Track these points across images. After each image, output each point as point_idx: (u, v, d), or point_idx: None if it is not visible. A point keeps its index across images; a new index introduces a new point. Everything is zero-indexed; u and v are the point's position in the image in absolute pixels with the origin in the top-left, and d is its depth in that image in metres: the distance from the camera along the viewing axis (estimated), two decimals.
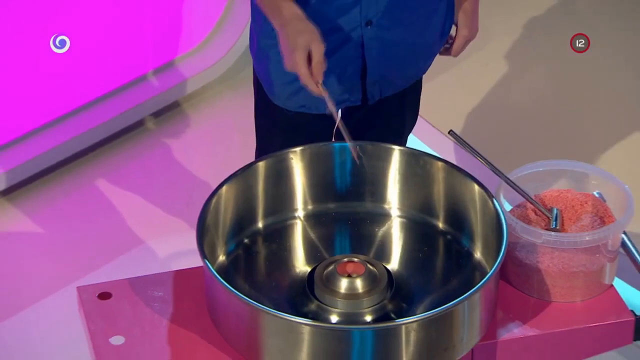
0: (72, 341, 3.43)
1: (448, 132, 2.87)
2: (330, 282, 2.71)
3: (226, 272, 2.77)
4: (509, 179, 2.81)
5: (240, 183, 2.83)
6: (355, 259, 2.74)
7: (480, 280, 2.62)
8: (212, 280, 2.63)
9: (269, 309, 2.57)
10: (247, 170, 2.84)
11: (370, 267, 2.72)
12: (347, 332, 2.58)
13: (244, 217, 2.85)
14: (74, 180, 4.15)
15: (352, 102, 3.12)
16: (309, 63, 2.79)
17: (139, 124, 4.32)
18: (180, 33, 4.33)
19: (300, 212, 2.90)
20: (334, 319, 2.69)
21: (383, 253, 2.84)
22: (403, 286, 2.76)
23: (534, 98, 4.33)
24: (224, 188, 2.80)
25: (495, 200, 2.74)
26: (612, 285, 2.83)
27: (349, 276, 2.71)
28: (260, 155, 3.22)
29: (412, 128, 3.36)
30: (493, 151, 2.87)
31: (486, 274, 2.67)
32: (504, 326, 2.75)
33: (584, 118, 4.26)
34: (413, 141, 3.56)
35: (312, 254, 2.84)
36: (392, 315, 2.70)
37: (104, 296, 2.78)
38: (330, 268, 2.73)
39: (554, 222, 2.80)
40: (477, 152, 2.81)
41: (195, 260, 2.75)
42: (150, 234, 3.99)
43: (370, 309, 2.70)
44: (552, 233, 2.76)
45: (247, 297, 2.57)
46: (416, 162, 2.86)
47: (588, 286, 2.79)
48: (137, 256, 3.92)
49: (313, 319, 2.67)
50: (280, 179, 2.87)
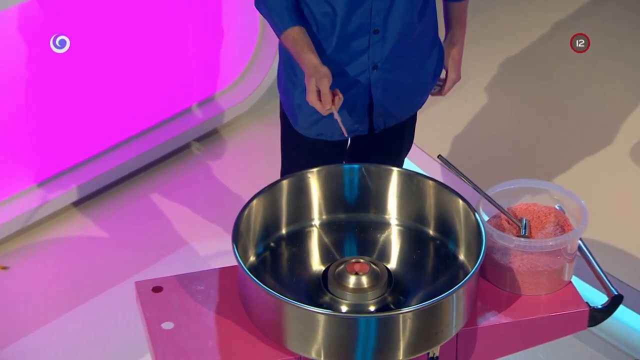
0: (131, 326, 3.41)
1: (437, 157, 2.87)
2: (340, 279, 2.72)
3: (256, 270, 2.77)
4: (486, 194, 2.82)
5: (267, 197, 2.83)
6: (361, 260, 2.74)
7: (464, 278, 2.64)
8: (245, 276, 2.64)
9: (291, 301, 2.57)
10: (273, 186, 2.84)
11: (374, 267, 2.73)
12: (355, 319, 2.59)
13: (270, 225, 2.85)
14: (132, 193, 4.15)
15: (360, 132, 3.12)
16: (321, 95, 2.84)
17: (185, 147, 4.32)
18: (219, 74, 4.34)
19: (316, 221, 2.89)
20: (344, 309, 2.69)
21: (384, 255, 2.85)
22: (400, 282, 2.76)
23: (504, 127, 4.33)
24: (254, 201, 2.80)
25: (476, 213, 2.74)
26: (570, 282, 2.83)
27: (356, 274, 2.71)
28: (284, 174, 3.25)
29: (408, 152, 3.36)
30: (473, 171, 2.86)
31: (468, 272, 2.67)
32: (482, 315, 2.75)
33: (547, 143, 4.26)
34: (407, 164, 3.57)
35: (326, 255, 2.84)
36: (392, 306, 2.70)
37: (157, 289, 2.79)
38: (341, 267, 2.73)
39: (524, 230, 2.80)
40: (461, 173, 2.81)
41: (230, 260, 2.75)
42: (192, 238, 3.98)
43: (374, 301, 2.70)
44: (522, 239, 2.76)
45: (273, 291, 2.58)
46: (411, 180, 2.86)
47: (551, 282, 2.80)
48: (182, 256, 3.91)
49: (327, 308, 2.67)
50: (300, 193, 2.87)
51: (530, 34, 4.74)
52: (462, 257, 2.80)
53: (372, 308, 2.69)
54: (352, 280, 2.70)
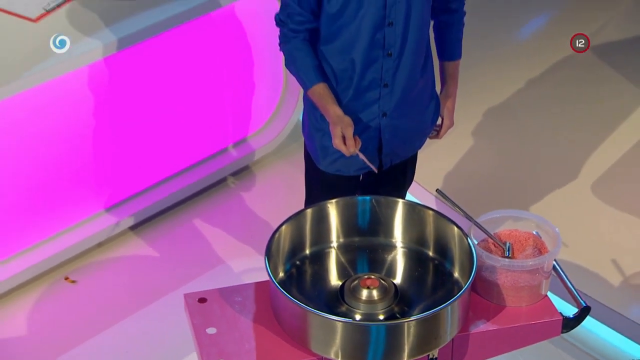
0: (179, 330, 3.41)
1: (435, 190, 2.87)
2: (355, 292, 2.71)
3: (284, 284, 2.77)
4: (476, 222, 2.81)
5: (294, 223, 2.83)
6: (372, 276, 2.74)
7: (458, 292, 2.64)
8: (276, 290, 2.64)
9: (314, 310, 2.58)
10: (299, 214, 2.84)
11: (383, 282, 2.72)
12: (367, 326, 2.59)
13: (296, 246, 2.85)
14: (179, 219, 4.16)
15: (370, 168, 3.11)
16: (345, 142, 2.87)
17: (222, 181, 4.32)
18: (250, 120, 4.35)
19: (334, 243, 2.89)
20: (358, 317, 2.68)
21: (391, 272, 2.84)
22: (405, 295, 2.75)
23: (488, 165, 4.34)
24: (283, 226, 2.79)
25: (468, 238, 2.74)
26: (546, 296, 2.82)
27: (368, 288, 2.71)
28: (308, 204, 3.24)
29: (410, 185, 3.36)
30: (463, 202, 2.86)
31: (462, 287, 2.67)
32: (473, 323, 2.74)
33: (525, 178, 4.26)
34: (407, 196, 3.56)
35: (343, 272, 2.84)
36: (398, 316, 2.69)
37: (202, 300, 2.78)
38: (355, 282, 2.73)
39: (507, 252, 2.80)
40: (455, 204, 2.81)
41: (261, 276, 2.76)
42: (228, 257, 3.98)
43: (383, 311, 2.70)
44: (506, 260, 2.76)
45: (299, 302, 2.59)
46: (413, 210, 2.86)
47: (531, 296, 2.79)
48: (220, 272, 3.90)
49: (344, 317, 2.66)
50: (321, 220, 2.86)
51: (508, 88, 4.75)
52: (456, 274, 2.80)
53: (382, 317, 2.68)
54: (364, 293, 2.70)
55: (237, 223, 4.12)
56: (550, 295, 2.83)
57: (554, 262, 2.81)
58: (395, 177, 3.21)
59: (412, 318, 2.59)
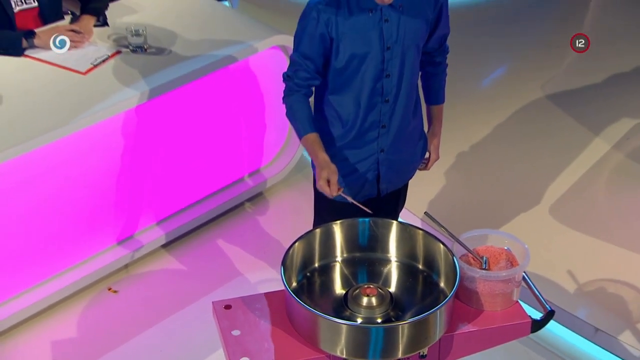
0: (206, 332, 3.40)
1: (424, 213, 2.86)
2: (357, 299, 2.70)
3: (297, 292, 2.75)
4: (458, 239, 2.81)
5: (305, 241, 2.82)
6: (371, 286, 2.73)
7: (444, 300, 2.63)
8: (290, 297, 2.63)
9: (323, 314, 2.57)
10: (309, 233, 2.83)
11: (380, 291, 2.71)
12: (368, 328, 2.59)
13: (307, 261, 2.84)
14: (204, 238, 4.13)
15: (371, 196, 3.12)
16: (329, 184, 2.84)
17: (240, 206, 4.30)
18: (262, 154, 4.35)
19: (339, 258, 2.87)
20: (360, 320, 2.67)
21: (387, 282, 2.82)
22: (399, 302, 2.74)
23: (466, 192, 4.33)
24: (296, 244, 2.78)
25: (452, 253, 2.73)
26: (517, 301, 2.81)
27: (368, 296, 2.70)
28: (316, 225, 3.21)
29: (402, 209, 3.35)
30: (446, 223, 2.84)
31: (447, 295, 2.66)
32: (456, 325, 2.73)
33: (497, 203, 4.24)
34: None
35: (346, 282, 2.82)
36: (393, 319, 2.68)
37: (227, 307, 2.77)
38: (357, 291, 2.72)
39: (484, 265, 2.79)
40: (440, 224, 2.80)
41: (275, 286, 2.76)
42: (246, 270, 3.95)
43: (380, 315, 2.68)
44: (484, 271, 2.75)
45: (310, 308, 2.58)
46: (405, 230, 2.85)
47: (504, 302, 2.78)
48: (239, 283, 3.87)
49: (348, 320, 2.64)
50: (328, 239, 2.85)
51: (478, 127, 4.75)
52: (442, 284, 2.78)
53: (379, 320, 2.66)
54: (365, 300, 2.69)
55: (252, 241, 4.10)
56: (521, 301, 2.82)
57: (524, 273, 2.80)
58: (390, 202, 3.20)
59: (405, 321, 2.58)
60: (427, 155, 3.18)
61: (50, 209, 3.61)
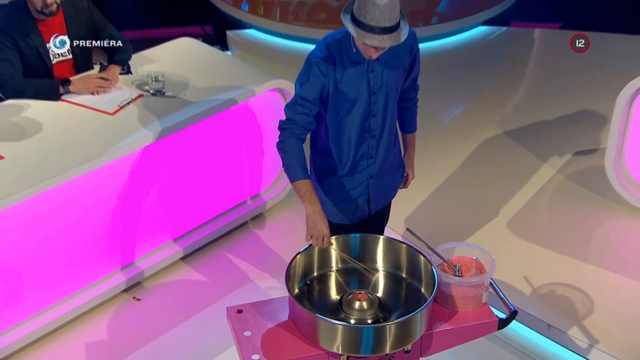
0: (219, 334, 3.37)
1: (406, 229, 2.85)
2: (350, 303, 2.70)
3: (299, 298, 2.74)
4: (435, 251, 2.81)
5: (305, 254, 2.81)
6: (362, 292, 2.72)
7: (424, 303, 2.64)
8: (293, 302, 2.64)
9: (321, 316, 2.57)
10: (308, 248, 2.82)
11: (370, 296, 2.71)
12: (360, 328, 2.59)
13: (307, 271, 2.83)
14: (214, 252, 4.10)
15: (362, 217, 3.09)
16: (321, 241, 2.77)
17: (244, 224, 4.27)
18: (261, 179, 4.32)
19: (334, 268, 2.86)
20: (353, 322, 2.66)
21: (376, 289, 2.82)
22: (386, 305, 2.74)
23: (439, 210, 4.31)
24: (298, 256, 2.78)
25: (431, 264, 2.73)
26: (486, 303, 2.82)
27: (359, 300, 2.70)
28: None
29: (387, 223, 3.29)
30: (426, 237, 2.84)
31: (427, 299, 2.67)
32: (434, 324, 2.73)
33: (465, 219, 4.22)
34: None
35: (341, 288, 2.82)
36: (381, 320, 2.67)
37: (240, 311, 2.76)
38: (350, 296, 2.72)
39: (458, 273, 2.79)
40: (420, 238, 2.80)
41: (277, 292, 2.74)
42: (250, 279, 3.91)
43: (371, 317, 2.68)
44: (457, 278, 2.76)
45: (310, 311, 2.58)
46: (390, 243, 2.85)
47: (475, 304, 2.79)
48: (245, 290, 3.83)
49: (343, 321, 2.64)
50: (325, 252, 2.84)
51: (443, 155, 4.75)
52: (423, 290, 2.78)
53: (370, 321, 2.66)
54: (357, 304, 2.69)
55: (255, 254, 4.07)
56: (489, 303, 2.82)
57: (491, 279, 2.81)
58: (378, 219, 3.18)
59: (392, 322, 2.58)
60: (405, 174, 3.18)
61: (81, 229, 3.60)
